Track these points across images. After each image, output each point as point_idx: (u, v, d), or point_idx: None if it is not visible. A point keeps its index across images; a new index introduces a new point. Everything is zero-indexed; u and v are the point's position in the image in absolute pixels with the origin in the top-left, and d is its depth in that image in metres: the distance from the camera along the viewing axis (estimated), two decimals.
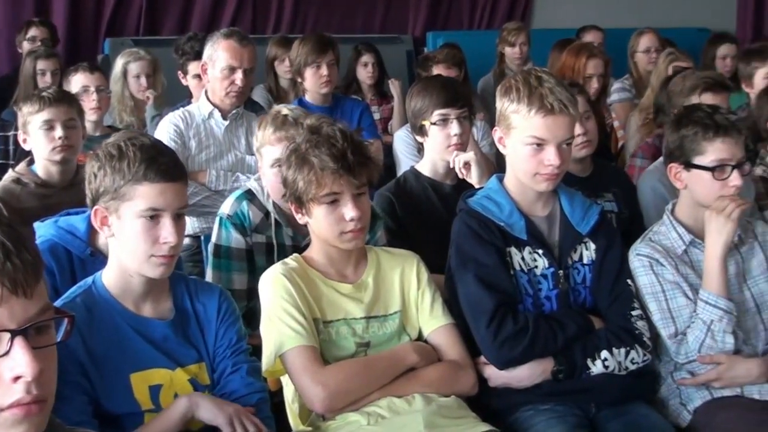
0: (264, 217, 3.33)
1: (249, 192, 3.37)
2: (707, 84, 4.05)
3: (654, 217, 3.56)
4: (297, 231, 3.30)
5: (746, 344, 3.00)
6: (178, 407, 2.40)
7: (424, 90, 3.64)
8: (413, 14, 8.10)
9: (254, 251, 3.32)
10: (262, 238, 3.33)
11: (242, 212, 3.32)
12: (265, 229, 3.33)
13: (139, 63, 5.72)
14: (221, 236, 3.32)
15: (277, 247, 3.31)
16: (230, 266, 3.30)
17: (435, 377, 2.75)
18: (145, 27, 7.33)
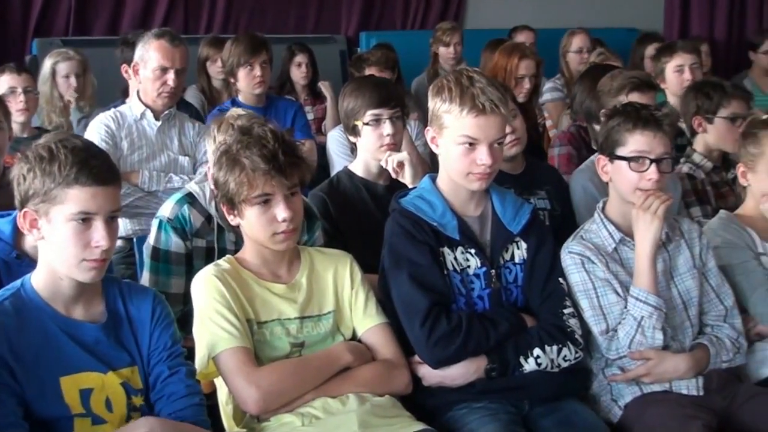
0: (205, 221, 3.29)
1: (190, 195, 3.31)
2: (634, 84, 4.12)
3: (585, 215, 3.60)
4: (239, 236, 3.27)
5: (674, 340, 3.04)
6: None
7: (356, 90, 3.64)
8: (346, 14, 8.08)
9: (193, 255, 3.28)
10: (202, 242, 3.29)
11: (183, 216, 3.27)
12: (207, 233, 3.29)
13: (69, 63, 5.62)
14: (160, 239, 3.26)
15: (218, 251, 3.27)
16: (169, 270, 3.26)
17: (369, 377, 2.75)
18: (74, 27, 7.21)
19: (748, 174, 3.39)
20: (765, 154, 3.31)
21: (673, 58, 5.20)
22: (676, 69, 5.17)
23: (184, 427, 2.43)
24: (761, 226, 3.37)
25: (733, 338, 3.12)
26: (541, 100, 6.29)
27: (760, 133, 3.34)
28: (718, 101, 4.16)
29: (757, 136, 3.34)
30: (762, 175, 3.33)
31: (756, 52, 7.58)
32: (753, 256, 3.30)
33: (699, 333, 3.14)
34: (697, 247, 3.18)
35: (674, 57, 5.20)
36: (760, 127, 3.37)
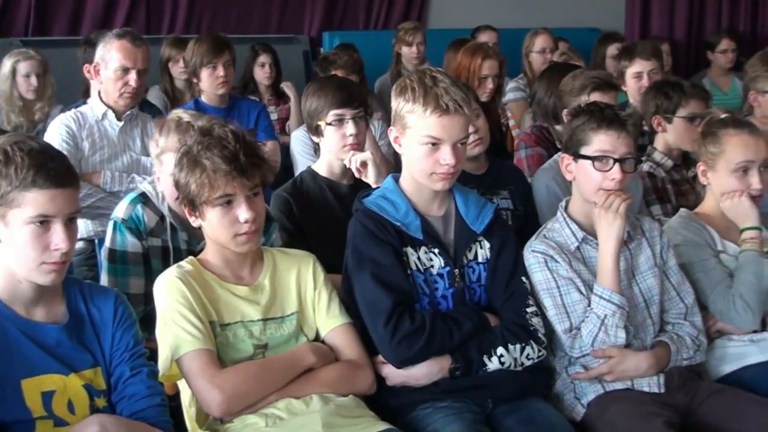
0: (159, 220, 3.29)
1: (143, 195, 3.32)
2: (595, 84, 4.15)
3: (548, 215, 3.62)
4: (192, 235, 3.27)
5: (636, 338, 3.07)
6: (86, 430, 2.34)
7: (319, 90, 3.63)
8: (309, 14, 8.06)
9: (150, 255, 3.27)
10: (157, 241, 3.29)
11: (137, 216, 3.27)
12: (161, 232, 3.29)
13: (29, 62, 5.57)
14: (116, 240, 3.26)
15: (173, 251, 3.27)
16: (126, 271, 3.24)
17: (333, 377, 2.75)
18: (34, 27, 7.12)
19: (708, 173, 3.42)
20: (725, 153, 3.34)
21: (632, 65, 5.25)
22: (635, 75, 5.22)
23: (137, 424, 2.41)
24: (721, 225, 3.40)
25: (694, 336, 3.15)
26: (504, 100, 6.32)
27: (719, 132, 3.37)
28: (677, 101, 4.19)
29: (717, 135, 3.37)
30: (721, 173, 3.36)
31: (714, 51, 7.68)
32: (713, 254, 3.33)
33: (660, 331, 3.16)
34: (658, 245, 3.20)
35: (633, 63, 5.25)
36: (719, 126, 3.39)
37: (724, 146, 3.34)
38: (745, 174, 3.32)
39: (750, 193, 3.33)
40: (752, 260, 3.24)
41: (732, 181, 3.33)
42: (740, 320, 3.23)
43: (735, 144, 3.32)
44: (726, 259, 3.33)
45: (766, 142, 3.35)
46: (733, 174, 3.33)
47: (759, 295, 3.22)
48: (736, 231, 3.38)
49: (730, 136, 3.34)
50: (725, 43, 7.64)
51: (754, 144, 3.32)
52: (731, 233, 3.39)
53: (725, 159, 3.34)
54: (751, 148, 3.31)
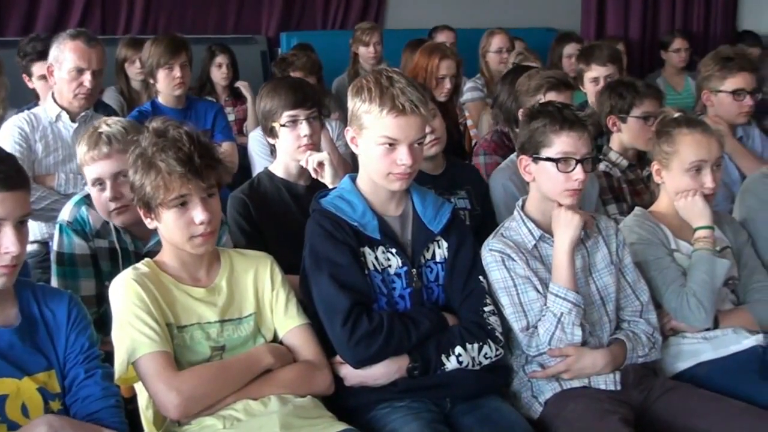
0: (104, 222, 3.26)
1: (87, 197, 3.30)
2: (551, 83, 4.18)
3: (505, 214, 3.64)
4: (135, 237, 3.26)
5: (592, 336, 3.08)
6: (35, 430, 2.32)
7: (272, 92, 3.63)
8: (266, 15, 8.03)
9: (98, 256, 3.25)
10: (104, 242, 3.27)
11: (82, 217, 3.26)
12: (107, 233, 3.27)
13: None
14: (63, 243, 3.24)
15: (120, 251, 3.25)
16: (76, 273, 3.22)
17: (290, 378, 2.75)
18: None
19: (662, 172, 3.44)
20: (678, 153, 3.37)
21: (589, 69, 5.29)
22: (592, 80, 5.26)
23: (86, 425, 2.40)
24: (674, 223, 3.43)
25: (649, 333, 3.17)
26: (461, 100, 6.34)
27: (673, 132, 3.40)
28: (631, 101, 4.23)
29: (671, 135, 3.40)
30: (675, 172, 3.39)
31: (667, 51, 7.77)
32: (666, 252, 3.35)
33: (616, 328, 3.19)
34: (614, 243, 3.22)
35: (590, 69, 5.29)
36: (673, 125, 3.42)
37: (678, 146, 3.37)
38: (699, 173, 3.35)
39: (703, 192, 3.36)
40: (705, 259, 3.28)
41: (686, 180, 3.36)
42: (694, 318, 3.27)
43: (688, 143, 3.35)
44: (679, 258, 3.36)
45: (718, 141, 3.38)
46: (686, 173, 3.35)
47: (712, 294, 3.26)
48: (690, 230, 3.41)
49: (683, 135, 3.37)
50: (678, 43, 7.72)
51: (707, 143, 3.35)
52: (684, 232, 3.42)
53: (679, 158, 3.36)
54: (704, 148, 3.34)
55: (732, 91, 4.38)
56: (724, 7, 9.07)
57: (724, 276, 3.29)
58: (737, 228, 3.51)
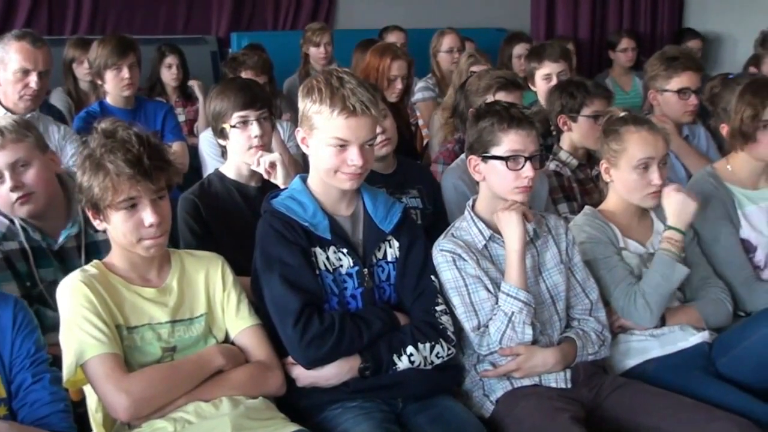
0: (10, 223, 3.19)
1: None
2: (500, 83, 4.21)
3: (456, 213, 3.65)
4: (45, 234, 3.21)
5: (543, 334, 3.10)
6: None
7: (222, 93, 3.62)
8: (216, 15, 7.98)
9: (11, 259, 3.17)
10: (14, 244, 3.19)
11: None
12: (14, 235, 3.19)
13: None
14: None
15: (31, 250, 3.19)
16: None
17: (242, 379, 2.74)
18: None
19: (610, 170, 3.47)
20: (626, 150, 3.39)
21: (541, 67, 5.32)
22: (545, 77, 5.29)
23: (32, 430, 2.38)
24: (623, 222, 3.46)
25: (598, 331, 3.20)
26: (413, 100, 6.35)
27: (621, 130, 3.43)
28: (581, 100, 4.26)
29: (619, 133, 3.43)
30: (623, 170, 3.41)
31: (615, 51, 7.84)
32: (615, 251, 3.38)
33: (566, 327, 3.21)
34: (563, 242, 3.24)
35: (542, 66, 5.31)
36: (621, 124, 3.45)
37: (626, 144, 3.40)
38: (646, 170, 3.38)
39: (649, 190, 3.39)
40: (666, 263, 3.31)
41: (634, 177, 3.39)
42: (639, 318, 3.30)
43: (636, 141, 3.38)
44: (627, 256, 3.39)
45: (664, 139, 3.42)
46: (634, 170, 3.38)
47: (662, 297, 3.29)
48: (638, 229, 3.46)
49: (631, 133, 3.40)
50: (626, 43, 7.78)
51: (654, 141, 3.38)
52: (633, 231, 3.46)
53: (627, 156, 3.39)
54: (651, 145, 3.37)
55: (677, 90, 4.42)
56: (670, 7, 9.17)
57: (680, 282, 3.34)
58: None
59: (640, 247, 3.43)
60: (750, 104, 3.55)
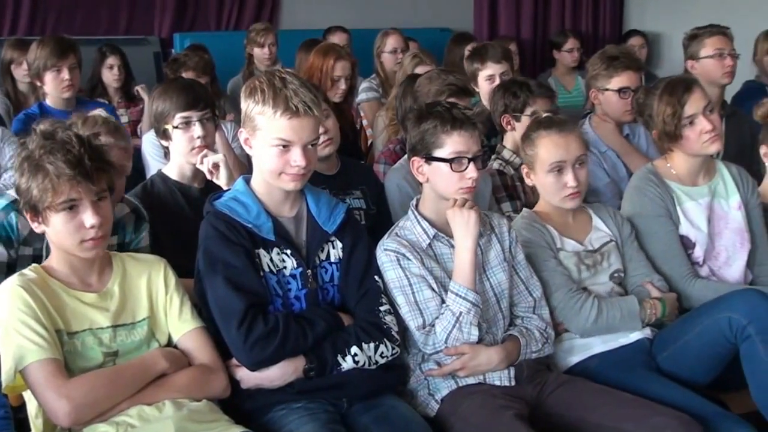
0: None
1: (15, 201, 3.13)
2: (452, 90, 4.24)
3: (400, 213, 3.66)
4: None
5: (487, 333, 3.12)
6: None
7: (164, 94, 3.60)
8: (159, 15, 7.93)
9: (17, 264, 3.13)
10: (29, 250, 3.17)
11: (9, 224, 3.15)
12: (35, 241, 3.16)
13: None
14: None
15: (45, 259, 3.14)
16: None
17: (185, 382, 2.72)
18: None
19: (531, 174, 3.49)
20: (538, 155, 3.40)
21: (484, 68, 5.32)
22: (488, 78, 5.29)
23: None
24: (559, 222, 3.48)
25: (542, 329, 3.22)
26: (357, 100, 6.35)
27: (533, 135, 3.44)
28: (525, 100, 4.29)
29: (531, 138, 3.44)
30: (539, 174, 3.43)
31: (559, 51, 7.91)
32: (552, 255, 3.39)
33: (510, 325, 3.23)
34: (507, 240, 3.26)
35: (485, 67, 5.32)
36: (534, 128, 3.46)
37: (537, 148, 3.41)
38: (560, 173, 3.38)
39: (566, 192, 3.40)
40: (635, 314, 3.36)
41: (549, 181, 3.40)
42: (578, 330, 3.35)
43: (545, 145, 3.39)
44: (565, 256, 3.41)
45: (578, 140, 3.43)
46: (549, 174, 3.39)
47: (608, 328, 3.34)
48: (575, 227, 3.49)
49: (541, 138, 3.41)
50: (571, 43, 7.85)
51: (564, 144, 3.39)
52: (570, 230, 3.48)
53: (540, 160, 3.40)
54: (562, 148, 3.38)
55: (618, 89, 4.47)
56: (611, 8, 9.27)
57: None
58: (621, 221, 3.57)
59: (577, 246, 3.46)
60: (669, 104, 3.59)
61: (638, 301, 3.38)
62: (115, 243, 3.18)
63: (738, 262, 3.66)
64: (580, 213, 3.54)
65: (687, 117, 3.58)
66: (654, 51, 8.72)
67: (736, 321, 3.07)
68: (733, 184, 3.74)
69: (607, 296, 3.42)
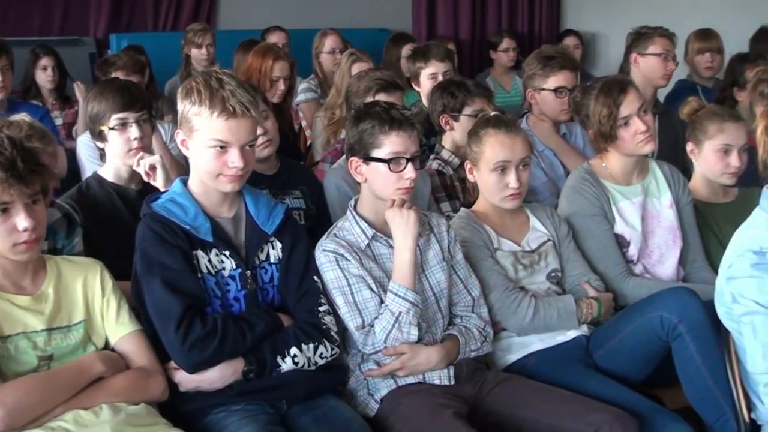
0: None
1: None
2: (380, 85, 4.24)
3: (339, 213, 3.66)
4: None
5: (427, 332, 3.13)
6: None
7: (100, 95, 3.56)
8: (94, 16, 7.83)
9: None
10: None
11: None
12: None
13: None
14: None
15: None
16: None
17: (123, 386, 2.69)
18: None
19: (474, 171, 3.52)
20: (484, 153, 3.43)
21: (428, 66, 5.34)
22: (431, 76, 5.31)
23: None
24: (496, 221, 3.50)
25: (480, 327, 3.25)
26: (295, 101, 6.34)
27: (480, 132, 3.46)
28: (463, 100, 4.30)
29: (479, 135, 3.46)
30: (483, 172, 3.45)
31: (496, 51, 7.97)
32: (490, 254, 3.41)
33: (449, 324, 3.25)
34: (445, 240, 3.28)
35: (429, 65, 5.34)
36: (482, 126, 3.49)
37: (484, 146, 3.43)
38: (504, 173, 3.41)
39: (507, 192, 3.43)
40: (571, 313, 3.39)
41: (492, 180, 3.43)
42: (515, 328, 3.37)
43: (492, 144, 3.42)
44: (502, 256, 3.43)
45: (523, 141, 3.46)
46: (492, 173, 3.42)
47: (545, 327, 3.37)
48: (512, 227, 3.52)
49: (489, 136, 3.44)
50: (507, 43, 7.92)
51: (511, 144, 3.42)
52: (507, 229, 3.51)
53: (485, 158, 3.43)
54: (508, 148, 3.41)
55: (554, 89, 4.51)
56: (548, 8, 9.36)
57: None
58: (558, 221, 3.61)
59: (515, 246, 3.48)
60: (604, 105, 3.64)
61: (575, 300, 3.42)
62: (46, 249, 3.13)
63: (670, 260, 3.73)
64: (517, 213, 3.57)
65: (622, 118, 3.63)
66: (590, 50, 8.83)
67: (668, 319, 3.12)
68: (665, 182, 3.81)
69: (545, 295, 3.45)
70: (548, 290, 3.49)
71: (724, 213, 3.86)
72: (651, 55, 4.99)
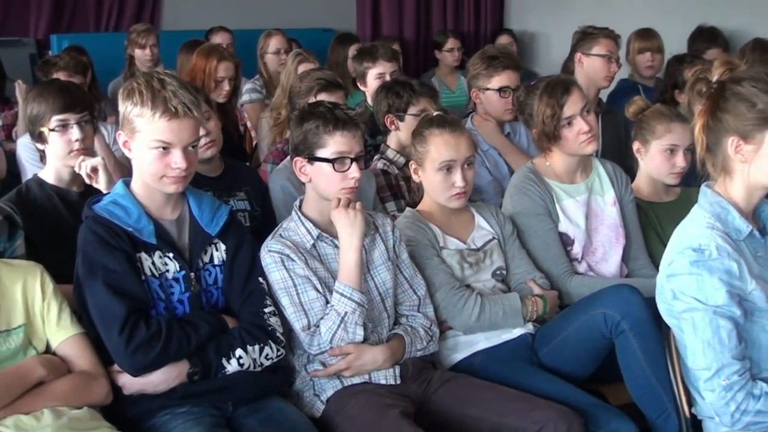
0: None
1: None
2: (321, 84, 4.25)
3: (284, 214, 3.65)
4: None
5: (373, 332, 3.14)
6: None
7: (40, 96, 3.52)
8: (35, 16, 7.74)
9: None
10: None
11: None
12: None
13: None
14: None
15: None
16: None
17: (65, 390, 2.67)
18: None
19: (419, 171, 3.52)
20: (429, 152, 3.44)
21: (375, 66, 5.34)
22: (378, 76, 5.31)
23: None
24: (442, 220, 3.51)
25: (426, 327, 3.26)
26: (240, 102, 6.32)
27: (425, 132, 3.48)
28: (408, 99, 4.32)
29: (423, 135, 3.47)
30: (428, 172, 3.46)
31: (441, 51, 8.01)
32: (435, 253, 3.42)
33: (395, 323, 3.26)
34: (390, 240, 3.29)
35: (376, 65, 5.34)
36: (426, 126, 3.50)
37: (429, 146, 3.44)
38: (449, 172, 3.42)
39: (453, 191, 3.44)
40: (517, 310, 3.40)
41: (438, 179, 3.44)
42: (461, 327, 3.38)
43: (437, 144, 3.43)
44: (448, 254, 3.44)
45: (468, 141, 3.48)
46: (438, 172, 3.43)
47: (491, 325, 3.38)
48: (457, 225, 3.53)
49: (434, 136, 3.45)
50: (451, 43, 7.97)
51: (455, 143, 3.43)
52: (452, 228, 3.52)
53: (430, 158, 3.44)
54: (453, 148, 3.42)
55: (498, 89, 4.55)
56: (492, 8, 9.42)
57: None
58: (503, 220, 3.63)
59: (460, 244, 3.50)
60: (548, 105, 3.66)
61: (520, 298, 3.44)
62: None
63: (614, 257, 3.76)
64: (463, 212, 3.58)
65: (565, 118, 3.65)
66: (534, 49, 8.91)
67: (611, 317, 3.15)
68: (608, 180, 3.84)
69: (490, 293, 3.46)
70: (494, 288, 3.50)
71: (666, 212, 3.89)
72: (595, 56, 5.03)
